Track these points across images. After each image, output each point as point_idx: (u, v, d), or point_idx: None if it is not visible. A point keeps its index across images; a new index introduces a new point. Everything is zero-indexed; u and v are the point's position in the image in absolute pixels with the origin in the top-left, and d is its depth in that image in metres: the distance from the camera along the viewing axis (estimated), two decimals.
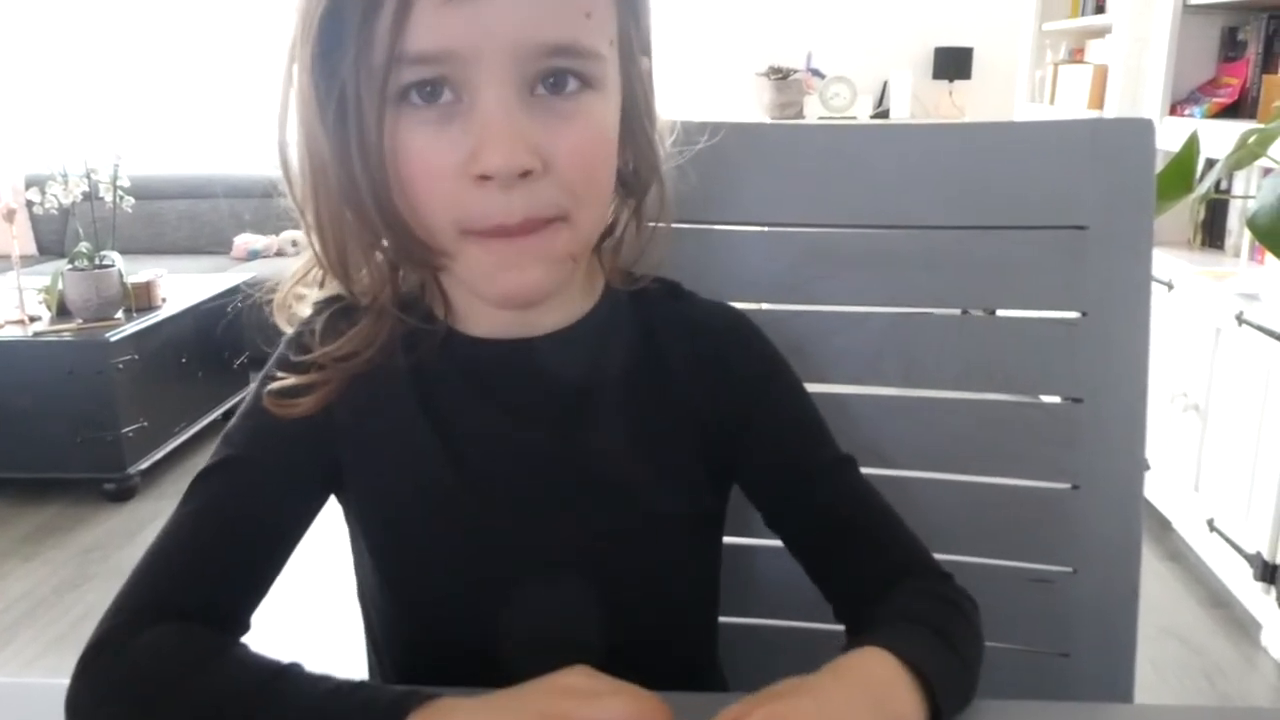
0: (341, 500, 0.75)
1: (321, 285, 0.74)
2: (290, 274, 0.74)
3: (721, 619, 0.83)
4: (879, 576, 0.71)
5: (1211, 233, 3.01)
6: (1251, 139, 1.24)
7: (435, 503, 0.70)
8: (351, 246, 0.67)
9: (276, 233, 4.60)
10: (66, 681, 0.60)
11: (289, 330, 0.73)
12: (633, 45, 0.67)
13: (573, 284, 0.71)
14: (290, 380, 0.68)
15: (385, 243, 0.66)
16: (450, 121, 0.60)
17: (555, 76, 0.60)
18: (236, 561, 0.67)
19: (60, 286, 2.94)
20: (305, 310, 0.74)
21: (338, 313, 0.71)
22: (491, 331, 0.71)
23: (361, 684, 0.57)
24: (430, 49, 0.58)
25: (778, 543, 0.77)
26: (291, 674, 0.58)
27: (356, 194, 0.61)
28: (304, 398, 0.68)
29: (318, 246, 0.68)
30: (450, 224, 0.62)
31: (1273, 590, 2.17)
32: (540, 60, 0.59)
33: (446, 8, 0.57)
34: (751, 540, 0.88)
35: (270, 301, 0.75)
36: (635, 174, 0.72)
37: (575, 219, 0.64)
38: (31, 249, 4.59)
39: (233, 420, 0.71)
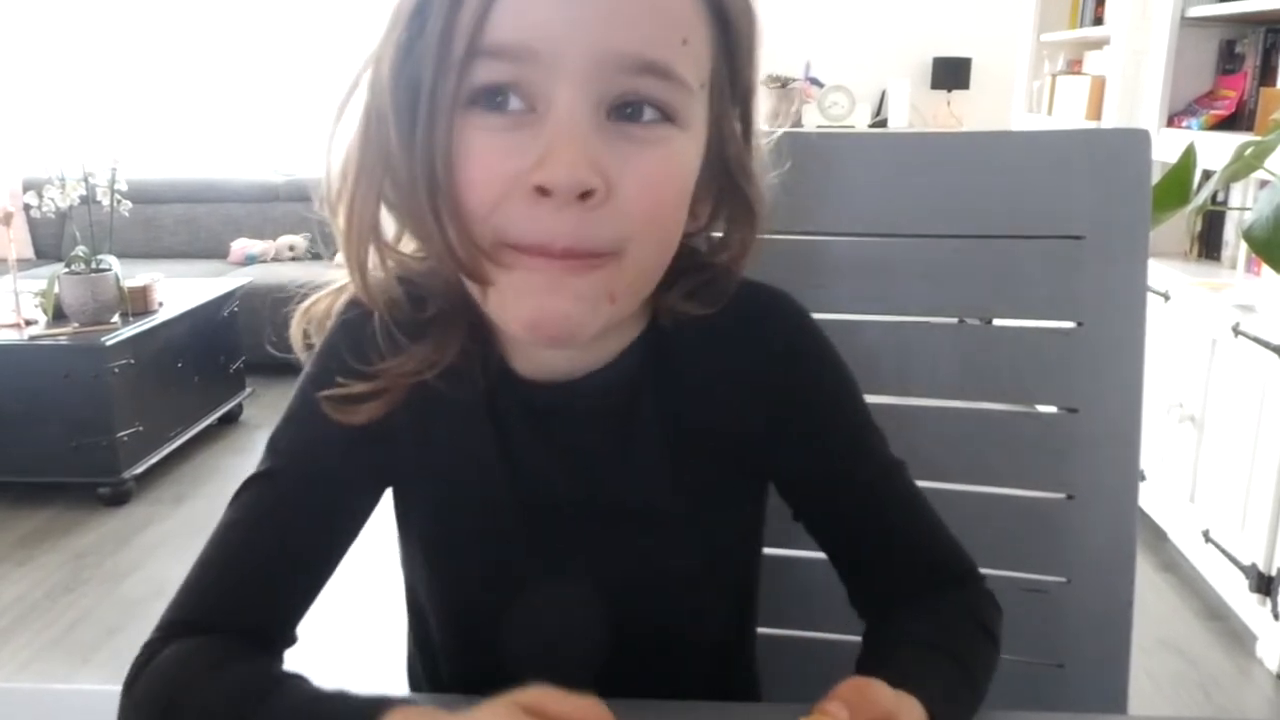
0: (396, 502, 0.74)
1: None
2: (326, 290, 0.71)
3: (760, 630, 0.83)
4: (906, 584, 0.71)
5: (1208, 244, 3.02)
6: (1248, 151, 1.25)
7: (489, 517, 0.70)
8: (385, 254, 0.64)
9: (274, 237, 4.60)
10: (60, 686, 0.61)
11: (297, 335, 0.71)
12: (725, 95, 0.63)
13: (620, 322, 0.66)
14: (354, 387, 0.66)
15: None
16: (517, 130, 0.56)
17: (633, 104, 0.57)
18: (278, 574, 0.66)
19: (57, 290, 2.94)
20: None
21: (395, 318, 0.67)
22: (534, 369, 0.68)
23: (341, 693, 0.57)
24: (511, 40, 0.55)
25: (818, 555, 0.76)
26: (282, 688, 0.58)
27: (413, 191, 0.58)
28: (365, 404, 0.65)
29: (347, 245, 0.64)
30: (489, 233, 0.58)
31: (1268, 602, 2.17)
32: (622, 77, 0.56)
33: None
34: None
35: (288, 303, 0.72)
36: (706, 232, 0.68)
37: (629, 257, 0.59)
38: (28, 253, 4.59)
39: (278, 425, 0.69)
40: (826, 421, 0.73)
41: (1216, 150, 1.74)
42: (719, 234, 0.70)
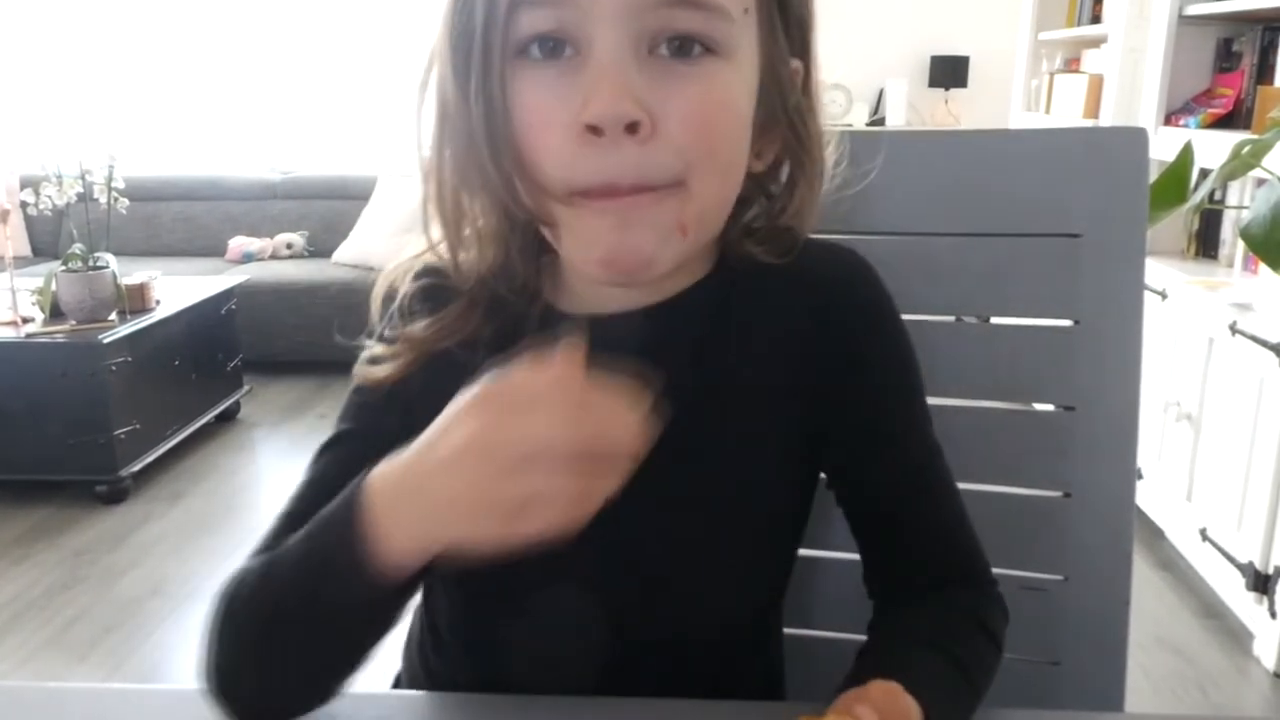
0: None
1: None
2: (407, 256, 0.73)
3: (787, 630, 0.82)
4: (922, 574, 0.71)
5: (1205, 243, 3.02)
6: (1245, 150, 1.25)
7: None
8: (465, 212, 0.66)
9: (271, 235, 4.60)
10: (57, 684, 0.61)
11: (378, 297, 0.73)
12: (774, 20, 0.64)
13: (688, 261, 0.67)
14: (377, 349, 0.70)
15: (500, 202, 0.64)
16: (566, 76, 0.59)
17: (680, 40, 0.58)
18: None
19: (54, 288, 2.94)
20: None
21: (431, 288, 0.70)
22: (593, 309, 0.68)
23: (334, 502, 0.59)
24: None
25: (849, 556, 0.76)
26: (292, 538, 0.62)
27: (474, 142, 0.61)
28: (380, 366, 0.69)
29: (433, 208, 0.67)
30: (560, 184, 0.60)
31: (1265, 600, 2.18)
32: (658, 11, 0.57)
33: None
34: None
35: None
36: (773, 171, 0.69)
37: (691, 187, 0.60)
38: (25, 250, 4.58)
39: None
40: (887, 389, 0.72)
41: (1214, 148, 1.74)
42: (784, 186, 0.70)
